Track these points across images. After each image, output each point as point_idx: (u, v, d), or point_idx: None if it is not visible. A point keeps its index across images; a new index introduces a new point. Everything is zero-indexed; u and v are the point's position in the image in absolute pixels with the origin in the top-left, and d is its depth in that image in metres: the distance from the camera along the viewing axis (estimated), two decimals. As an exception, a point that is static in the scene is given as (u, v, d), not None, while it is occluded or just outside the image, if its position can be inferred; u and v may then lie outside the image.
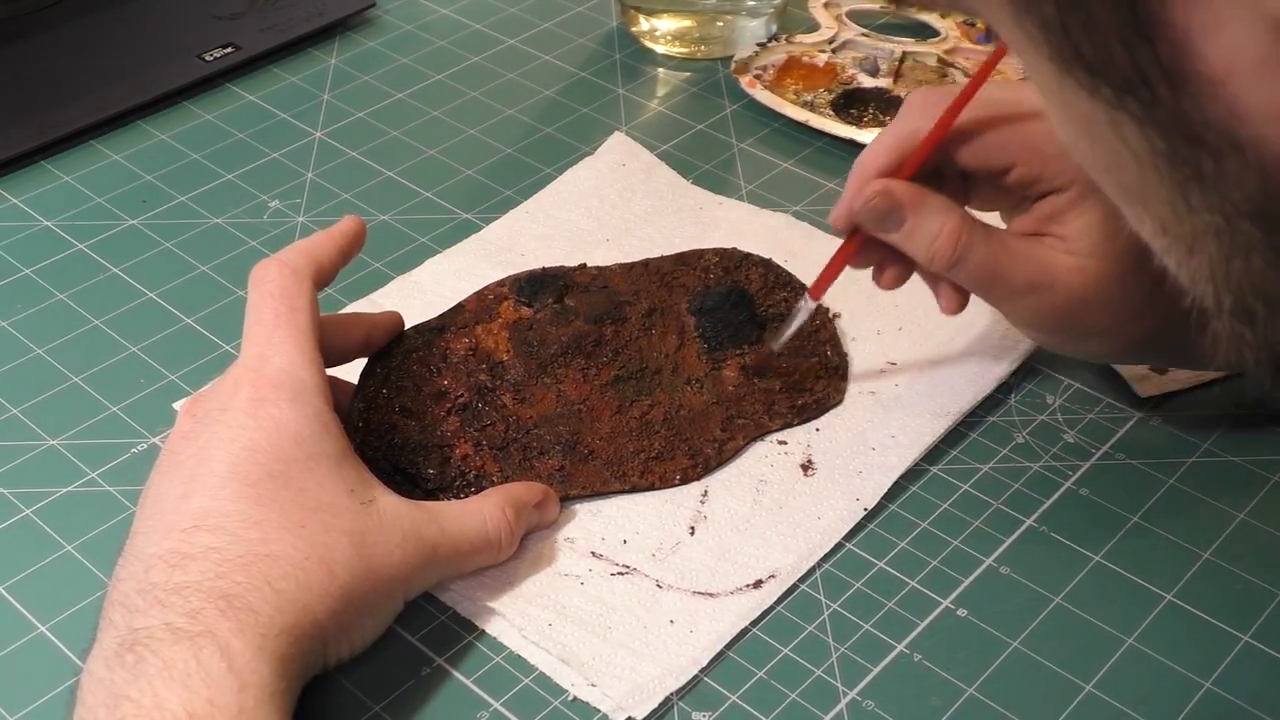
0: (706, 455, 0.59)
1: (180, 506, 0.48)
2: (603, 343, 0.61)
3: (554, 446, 0.58)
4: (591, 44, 0.90)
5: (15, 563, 0.56)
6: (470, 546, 0.53)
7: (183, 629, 0.44)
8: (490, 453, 0.58)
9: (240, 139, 0.81)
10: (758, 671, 0.52)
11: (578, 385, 0.60)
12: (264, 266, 0.55)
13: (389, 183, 0.77)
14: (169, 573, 0.46)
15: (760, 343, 0.62)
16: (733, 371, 0.62)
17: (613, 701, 0.50)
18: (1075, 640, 0.52)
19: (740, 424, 0.60)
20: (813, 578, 0.55)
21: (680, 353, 0.62)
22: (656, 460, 0.59)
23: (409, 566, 0.50)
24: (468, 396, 0.59)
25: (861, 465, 0.59)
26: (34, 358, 0.66)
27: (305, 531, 0.48)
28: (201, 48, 0.86)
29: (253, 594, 0.46)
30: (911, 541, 0.56)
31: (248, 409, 0.50)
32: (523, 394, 0.59)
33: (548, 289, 0.62)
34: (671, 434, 0.59)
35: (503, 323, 0.61)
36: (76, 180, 0.78)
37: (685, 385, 0.61)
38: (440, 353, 0.60)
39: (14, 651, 0.53)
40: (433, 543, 0.51)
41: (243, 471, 0.49)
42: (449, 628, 0.53)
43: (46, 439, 0.62)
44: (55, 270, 0.71)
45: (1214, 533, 0.56)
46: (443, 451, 0.57)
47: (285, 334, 0.52)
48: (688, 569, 0.55)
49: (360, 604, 0.49)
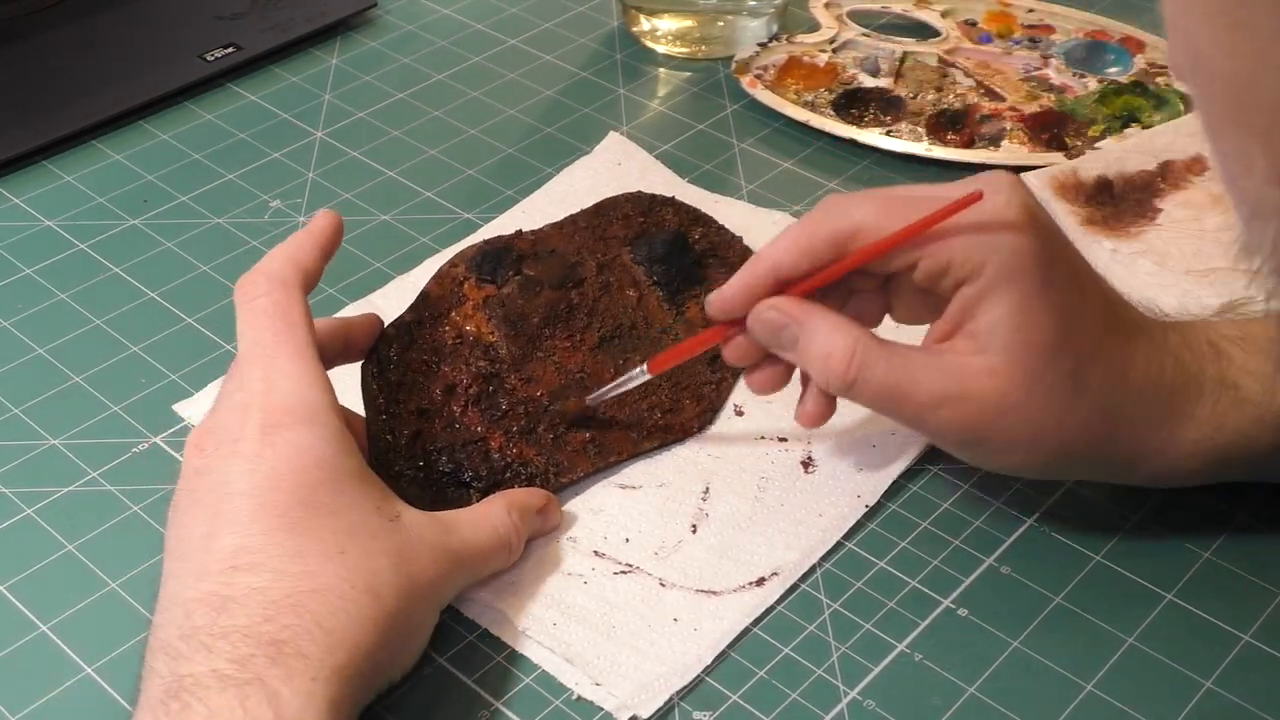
0: (710, 397, 0.61)
1: (210, 546, 0.47)
2: (574, 307, 0.62)
3: (578, 419, 0.59)
4: (592, 44, 0.90)
5: (17, 562, 0.56)
6: (489, 550, 0.52)
7: (230, 676, 0.43)
8: (521, 439, 0.58)
9: (241, 139, 0.81)
10: (758, 671, 0.52)
11: (570, 354, 0.60)
12: (251, 281, 0.53)
13: (390, 183, 0.77)
14: (213, 616, 0.45)
15: (705, 282, 0.64)
16: (694, 313, 0.63)
17: (617, 700, 0.50)
18: (1076, 640, 0.52)
19: (722, 361, 0.61)
20: (813, 577, 0.55)
21: (642, 305, 0.63)
22: (670, 414, 0.60)
23: (442, 578, 0.50)
24: (477, 385, 0.59)
25: (862, 462, 0.59)
26: (35, 357, 0.66)
27: (347, 558, 0.47)
28: (203, 48, 0.86)
29: (302, 637, 0.44)
30: (912, 541, 0.56)
31: (262, 437, 0.48)
32: (524, 373, 0.59)
33: (504, 262, 0.62)
34: (671, 385, 0.61)
35: (473, 304, 0.60)
36: (78, 180, 0.78)
37: (661, 335, 0.63)
38: (430, 345, 0.59)
39: (15, 651, 0.53)
40: (456, 551, 0.51)
41: (270, 502, 0.47)
42: (451, 628, 0.53)
43: (48, 439, 0.62)
44: (56, 270, 0.72)
45: (1214, 532, 0.56)
46: (479, 447, 0.57)
47: (288, 354, 0.50)
48: (690, 567, 0.55)
49: (406, 625, 0.48)
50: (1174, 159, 0.74)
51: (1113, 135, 0.77)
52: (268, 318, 0.51)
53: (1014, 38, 0.87)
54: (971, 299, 0.50)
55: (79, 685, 0.52)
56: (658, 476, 0.59)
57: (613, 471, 0.59)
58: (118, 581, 0.55)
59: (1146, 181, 0.73)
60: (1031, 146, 0.77)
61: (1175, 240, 0.70)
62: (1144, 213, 0.72)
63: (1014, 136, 0.78)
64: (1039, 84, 0.83)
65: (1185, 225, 0.71)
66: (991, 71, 0.84)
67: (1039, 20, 0.89)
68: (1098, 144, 0.77)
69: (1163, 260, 0.68)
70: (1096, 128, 0.78)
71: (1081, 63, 0.84)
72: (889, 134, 0.78)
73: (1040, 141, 0.78)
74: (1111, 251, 0.69)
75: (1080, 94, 0.82)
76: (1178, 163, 0.74)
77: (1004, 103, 0.81)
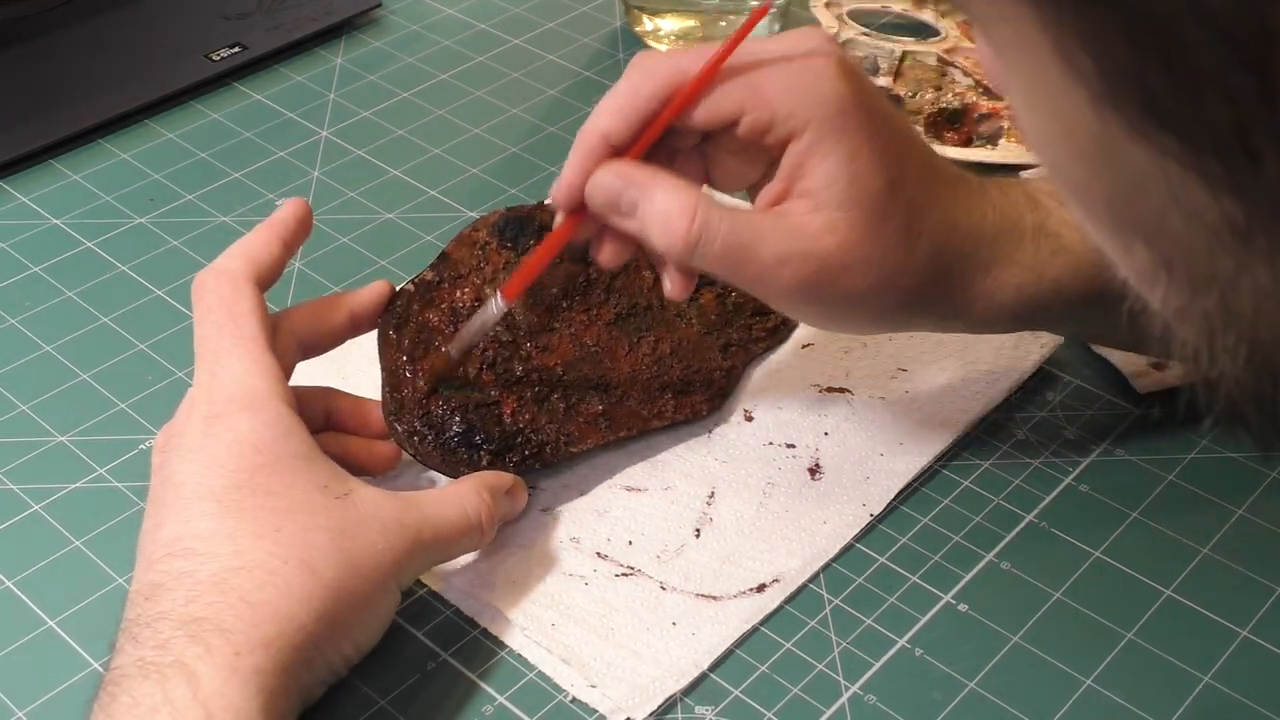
0: (720, 383, 0.61)
1: (155, 537, 0.48)
2: (592, 282, 0.62)
3: (589, 392, 0.59)
4: (595, 44, 0.90)
5: (24, 558, 0.57)
6: (453, 530, 0.52)
7: (152, 662, 0.43)
8: (534, 406, 0.58)
9: (247, 138, 0.81)
10: (760, 666, 0.52)
11: (586, 327, 0.61)
12: (200, 279, 0.54)
13: (395, 181, 0.78)
14: (144, 606, 0.45)
15: None
16: (708, 300, 0.64)
17: (612, 702, 0.50)
18: (1075, 635, 0.53)
19: (734, 350, 0.62)
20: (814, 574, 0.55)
21: (658, 287, 0.62)
22: (681, 394, 0.60)
23: (394, 554, 0.49)
24: (493, 350, 0.58)
25: (869, 471, 0.59)
26: (42, 355, 0.67)
27: (281, 535, 0.47)
28: (209, 47, 0.87)
29: (225, 612, 0.45)
30: (913, 538, 0.57)
31: (203, 428, 0.49)
32: (540, 342, 0.59)
33: (526, 230, 0.61)
34: (683, 366, 0.61)
35: (493, 268, 0.60)
36: (85, 179, 0.78)
37: (675, 318, 0.63)
38: (448, 306, 0.59)
39: (23, 646, 0.54)
40: (415, 528, 0.50)
41: (207, 489, 0.48)
42: (455, 624, 0.54)
43: (55, 435, 0.62)
44: (63, 268, 0.72)
45: (1213, 528, 0.57)
46: (492, 410, 0.57)
47: (231, 344, 0.51)
48: (692, 571, 0.55)
49: (350, 599, 0.48)
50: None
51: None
52: (213, 313, 0.53)
53: (1015, 37, 0.87)
54: (801, 155, 0.49)
55: (85, 680, 0.52)
56: (664, 479, 0.59)
57: (619, 471, 0.59)
58: (124, 577, 0.56)
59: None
60: (1031, 145, 0.78)
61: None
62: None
63: (1011, 135, 0.78)
64: (1039, 83, 0.83)
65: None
66: (992, 71, 0.84)
67: (1040, 20, 0.89)
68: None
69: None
70: (1096, 127, 0.79)
71: (1082, 62, 0.85)
72: (890, 133, 0.79)
73: (1040, 140, 0.78)
74: (1111, 250, 0.69)
75: (1080, 93, 0.82)
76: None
77: (1002, 102, 0.81)
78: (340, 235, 0.73)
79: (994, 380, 0.63)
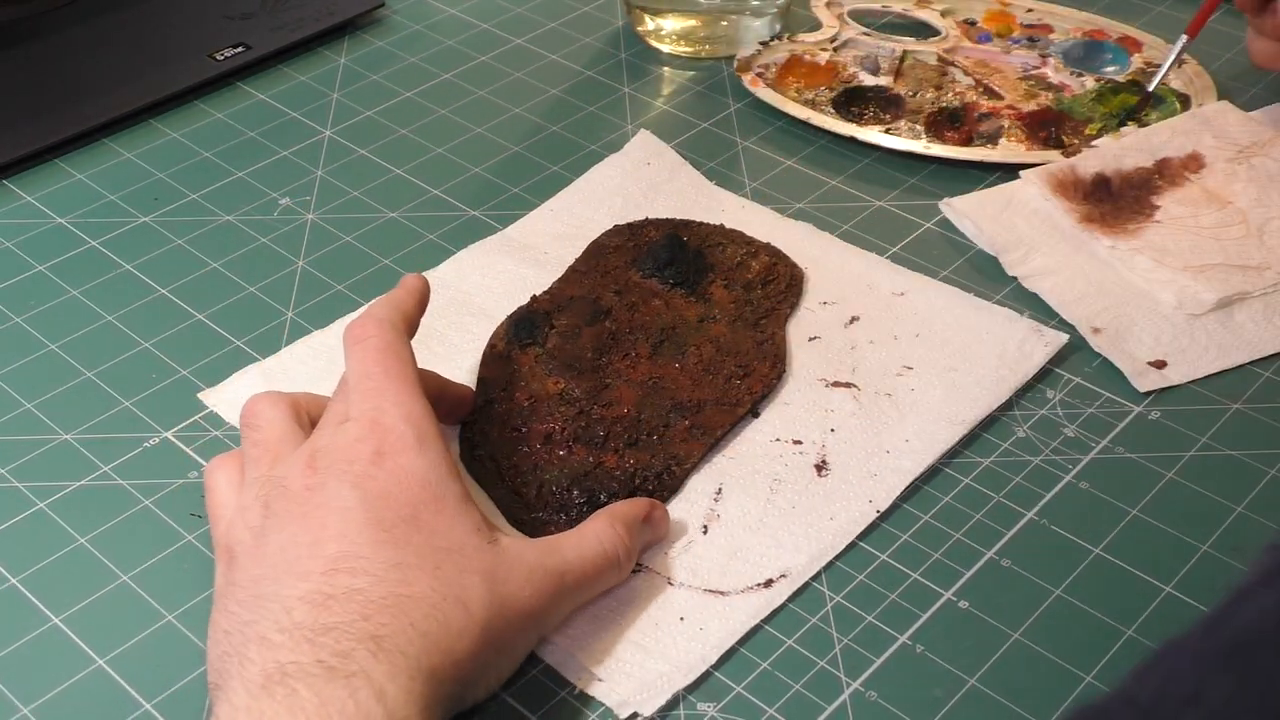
0: (771, 352, 0.64)
1: (315, 551, 0.48)
2: (616, 334, 0.64)
3: (670, 416, 0.60)
4: (598, 43, 0.90)
5: (29, 556, 0.57)
6: (594, 569, 0.53)
7: (336, 668, 0.44)
8: (630, 451, 0.59)
9: (251, 137, 0.82)
10: (762, 663, 0.52)
11: (633, 369, 0.63)
12: (361, 325, 0.55)
13: (398, 180, 0.78)
14: (314, 613, 0.46)
15: (714, 266, 0.68)
16: (719, 294, 0.67)
17: (619, 697, 0.51)
18: (1075, 632, 0.53)
19: (765, 321, 0.65)
20: (816, 570, 0.56)
21: (671, 307, 0.66)
22: (746, 377, 0.63)
23: (540, 599, 0.50)
24: (570, 427, 0.60)
25: (876, 467, 0.59)
26: (47, 353, 0.67)
27: (441, 573, 0.48)
28: (213, 47, 0.87)
29: (399, 636, 0.46)
30: (914, 535, 0.57)
31: (373, 459, 0.51)
32: (602, 400, 0.61)
33: (535, 323, 0.64)
34: (734, 357, 0.63)
35: (528, 368, 0.62)
36: (89, 178, 0.79)
37: (701, 324, 0.65)
38: (510, 416, 0.61)
39: (28, 643, 0.54)
40: (559, 571, 0.51)
41: (376, 517, 0.49)
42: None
43: (60, 433, 0.63)
44: (68, 267, 0.72)
45: (1212, 525, 0.57)
46: (598, 472, 0.58)
47: (397, 388, 0.53)
48: (700, 567, 0.55)
49: (497, 641, 0.49)
50: (1171, 157, 0.75)
51: (1109, 133, 0.78)
52: (378, 353, 0.54)
53: (1013, 37, 0.88)
54: None
55: (91, 677, 0.52)
56: None
57: None
58: (129, 575, 0.56)
59: (1144, 179, 0.74)
60: (1029, 144, 0.78)
61: (1172, 237, 0.70)
62: (1141, 210, 0.72)
63: (1012, 134, 0.79)
64: (1037, 83, 0.84)
65: (1182, 222, 0.71)
66: (990, 70, 0.85)
67: (1038, 20, 0.89)
68: (1094, 142, 0.77)
69: (1160, 257, 0.69)
70: (1093, 126, 0.79)
71: (1079, 62, 0.85)
72: (888, 132, 0.79)
73: (1037, 139, 0.78)
74: (1110, 248, 0.70)
75: (1077, 92, 0.82)
76: (1174, 160, 0.75)
77: (1002, 101, 0.82)
78: (343, 234, 0.74)
79: (999, 378, 0.63)
